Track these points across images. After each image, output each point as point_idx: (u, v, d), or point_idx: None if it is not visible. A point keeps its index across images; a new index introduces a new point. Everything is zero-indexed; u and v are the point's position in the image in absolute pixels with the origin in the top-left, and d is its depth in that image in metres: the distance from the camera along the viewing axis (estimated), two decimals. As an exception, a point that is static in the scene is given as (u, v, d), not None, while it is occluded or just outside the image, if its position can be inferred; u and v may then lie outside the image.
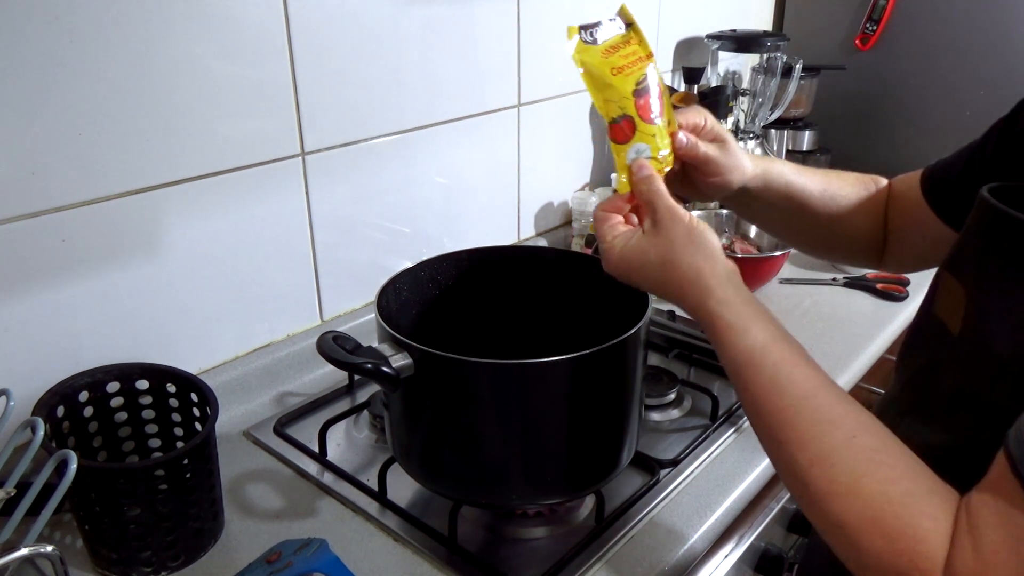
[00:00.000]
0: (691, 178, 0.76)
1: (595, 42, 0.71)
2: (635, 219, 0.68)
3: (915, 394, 0.65)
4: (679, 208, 0.64)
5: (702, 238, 0.62)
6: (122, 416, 0.84)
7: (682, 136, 0.72)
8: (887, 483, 0.50)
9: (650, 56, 0.71)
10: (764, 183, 0.80)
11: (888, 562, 0.48)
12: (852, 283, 1.38)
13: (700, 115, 0.75)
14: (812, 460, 0.53)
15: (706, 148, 0.74)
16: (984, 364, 0.56)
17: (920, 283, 1.37)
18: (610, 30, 0.72)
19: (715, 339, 0.61)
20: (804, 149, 1.73)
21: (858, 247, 0.88)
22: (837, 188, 0.86)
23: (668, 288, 0.63)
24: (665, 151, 0.70)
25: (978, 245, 0.61)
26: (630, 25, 0.73)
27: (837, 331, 1.22)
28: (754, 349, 0.58)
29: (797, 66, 1.59)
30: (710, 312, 0.61)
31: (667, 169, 0.70)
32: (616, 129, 0.69)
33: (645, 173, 0.66)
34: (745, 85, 1.63)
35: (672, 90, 1.50)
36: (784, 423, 0.55)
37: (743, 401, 0.59)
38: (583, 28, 0.71)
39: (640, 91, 0.69)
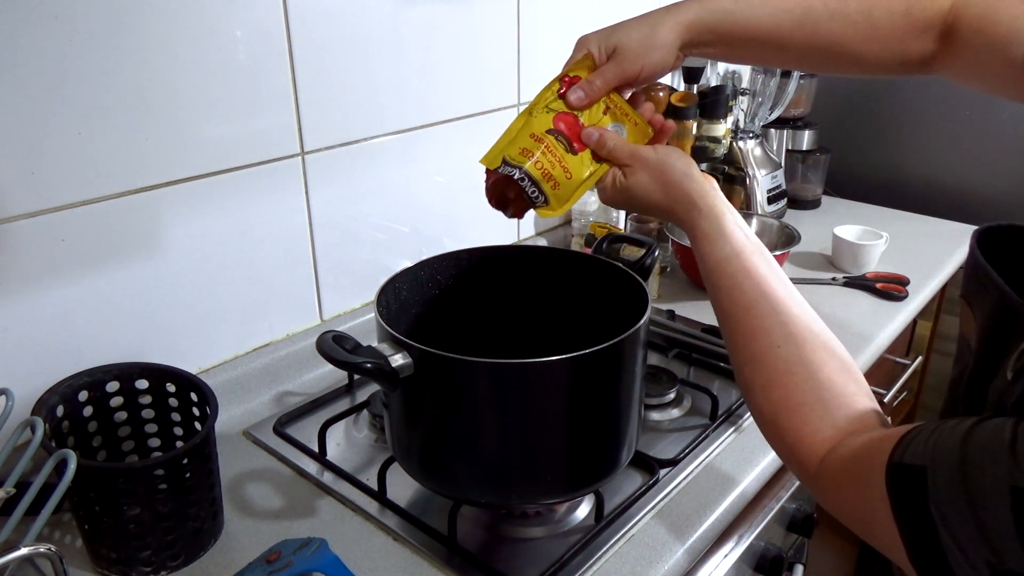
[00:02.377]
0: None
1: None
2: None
3: (951, 402, 0.69)
4: (640, 150, 0.71)
5: (672, 168, 0.70)
6: (122, 416, 0.84)
7: (576, 95, 0.72)
8: (790, 391, 0.60)
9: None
10: (704, 42, 0.72)
11: (780, 451, 0.62)
12: (852, 283, 1.38)
13: (587, 50, 0.74)
14: (745, 360, 0.64)
15: (603, 78, 0.72)
16: (993, 379, 0.58)
17: (920, 284, 1.37)
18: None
19: (693, 247, 0.69)
20: (804, 148, 1.73)
21: (883, 69, 0.74)
22: (831, 12, 0.70)
23: (657, 214, 0.72)
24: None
25: (971, 287, 0.64)
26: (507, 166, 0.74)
27: (837, 331, 1.20)
28: (719, 259, 0.66)
29: (797, 66, 1.58)
30: (690, 225, 0.68)
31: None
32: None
33: (594, 138, 0.72)
34: (745, 84, 1.63)
35: (672, 89, 1.50)
36: (732, 325, 0.65)
37: (711, 303, 0.68)
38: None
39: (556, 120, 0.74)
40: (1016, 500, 0.42)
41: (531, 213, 0.75)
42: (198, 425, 0.84)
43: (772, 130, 1.71)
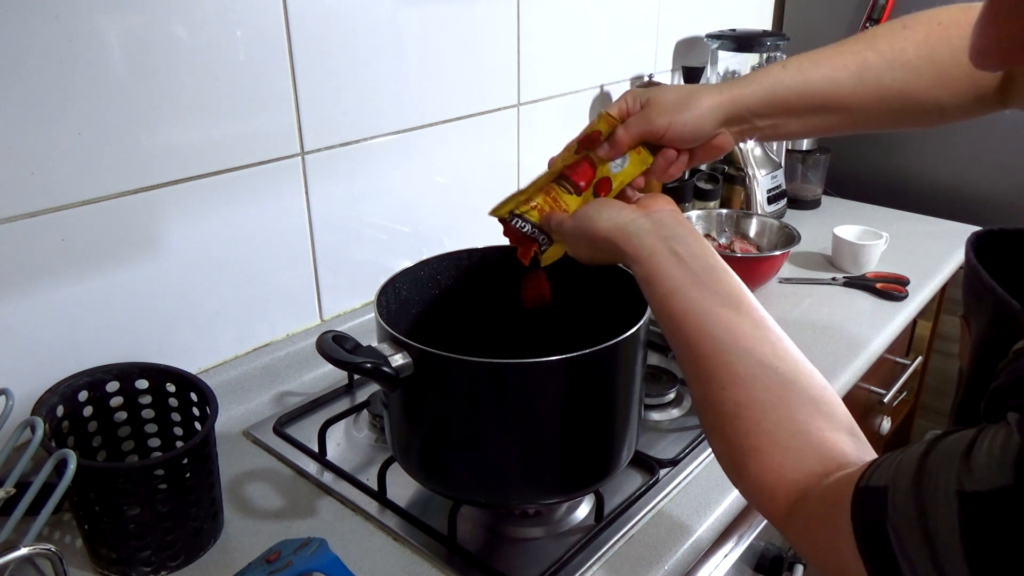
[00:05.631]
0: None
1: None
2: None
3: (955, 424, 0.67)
4: (560, 218, 0.71)
5: (593, 222, 0.68)
6: (121, 416, 0.84)
7: (603, 148, 0.72)
8: (741, 436, 0.55)
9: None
10: (750, 109, 0.70)
11: (745, 495, 0.57)
12: (852, 283, 1.38)
13: (623, 100, 0.73)
14: (696, 403, 0.60)
15: (628, 129, 0.71)
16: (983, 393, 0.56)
17: (920, 284, 1.37)
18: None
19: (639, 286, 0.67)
20: (804, 148, 1.73)
21: (960, 113, 0.69)
22: (890, 62, 0.66)
23: (609, 259, 0.70)
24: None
25: (969, 301, 0.61)
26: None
27: (837, 331, 1.22)
28: (655, 302, 0.63)
29: (797, 66, 1.58)
30: (630, 268, 0.66)
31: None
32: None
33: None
34: (745, 85, 1.63)
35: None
36: (682, 367, 0.62)
37: None
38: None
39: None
40: (963, 507, 0.38)
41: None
42: (198, 425, 0.84)
43: (772, 130, 1.71)
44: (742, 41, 1.56)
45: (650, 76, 1.55)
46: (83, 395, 0.81)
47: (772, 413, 0.54)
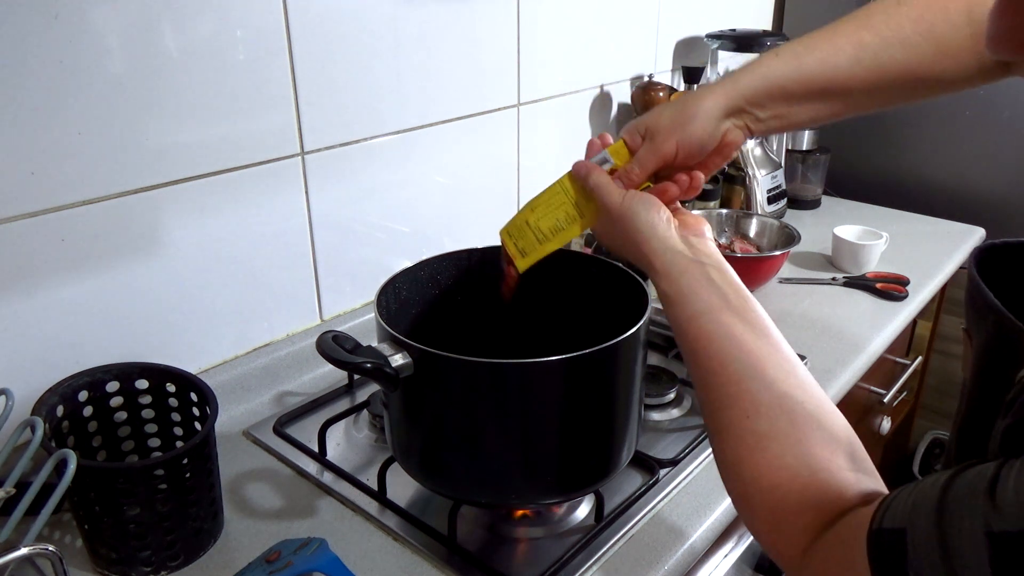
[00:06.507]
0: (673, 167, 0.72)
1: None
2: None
3: (957, 442, 0.66)
4: (611, 198, 0.68)
5: (634, 219, 0.65)
6: (121, 416, 0.84)
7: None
8: (762, 470, 0.53)
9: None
10: (749, 101, 0.68)
11: (757, 537, 0.55)
12: (852, 283, 1.38)
13: (625, 131, 0.72)
14: (714, 431, 0.58)
15: (639, 163, 0.70)
16: (986, 410, 0.55)
17: (920, 284, 1.37)
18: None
19: (661, 303, 0.65)
20: (804, 149, 1.73)
21: (963, 83, 0.67)
22: (887, 40, 0.65)
23: (631, 259, 0.68)
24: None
25: (970, 315, 0.61)
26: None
27: (837, 331, 1.22)
28: (680, 322, 0.61)
29: (797, 66, 1.58)
30: (654, 282, 0.64)
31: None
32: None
33: (583, 172, 0.71)
34: (745, 85, 1.63)
35: (672, 90, 1.50)
36: (699, 392, 0.60)
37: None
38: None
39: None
40: (994, 549, 0.37)
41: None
42: (198, 425, 0.84)
43: (772, 130, 1.71)
44: (742, 41, 1.56)
45: (650, 76, 1.55)
46: (83, 395, 0.81)
47: (795, 448, 0.52)
